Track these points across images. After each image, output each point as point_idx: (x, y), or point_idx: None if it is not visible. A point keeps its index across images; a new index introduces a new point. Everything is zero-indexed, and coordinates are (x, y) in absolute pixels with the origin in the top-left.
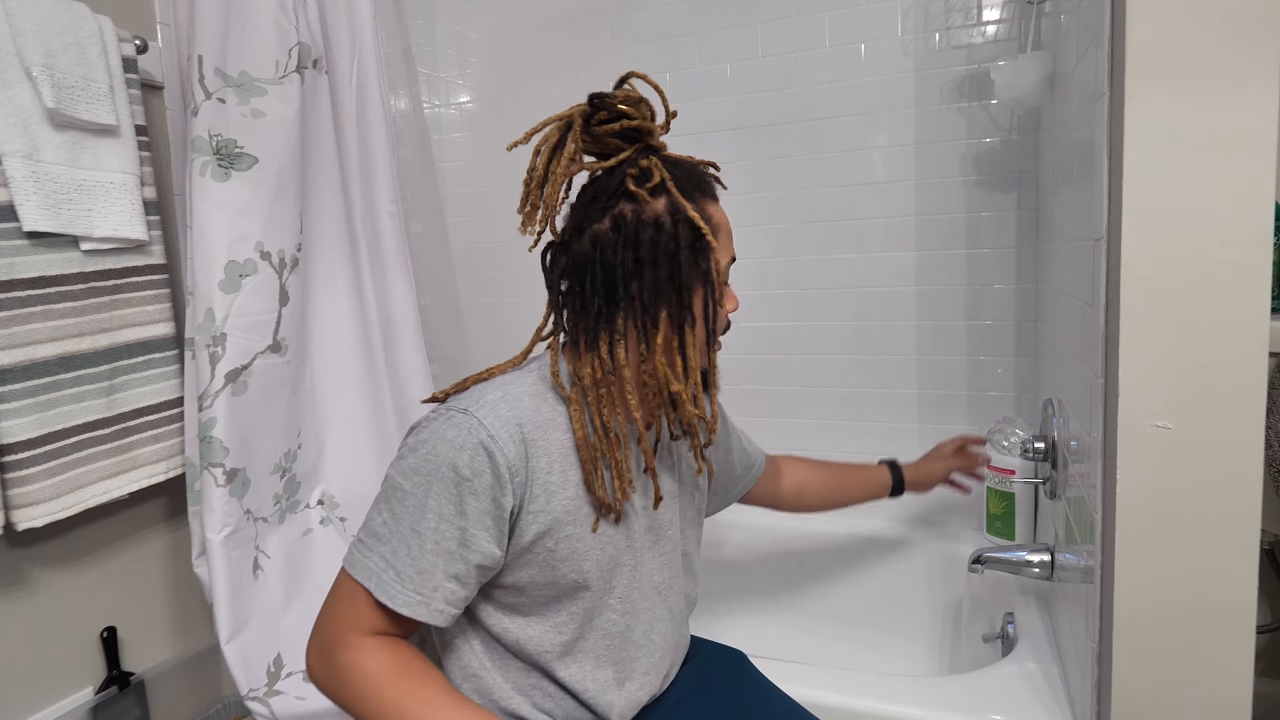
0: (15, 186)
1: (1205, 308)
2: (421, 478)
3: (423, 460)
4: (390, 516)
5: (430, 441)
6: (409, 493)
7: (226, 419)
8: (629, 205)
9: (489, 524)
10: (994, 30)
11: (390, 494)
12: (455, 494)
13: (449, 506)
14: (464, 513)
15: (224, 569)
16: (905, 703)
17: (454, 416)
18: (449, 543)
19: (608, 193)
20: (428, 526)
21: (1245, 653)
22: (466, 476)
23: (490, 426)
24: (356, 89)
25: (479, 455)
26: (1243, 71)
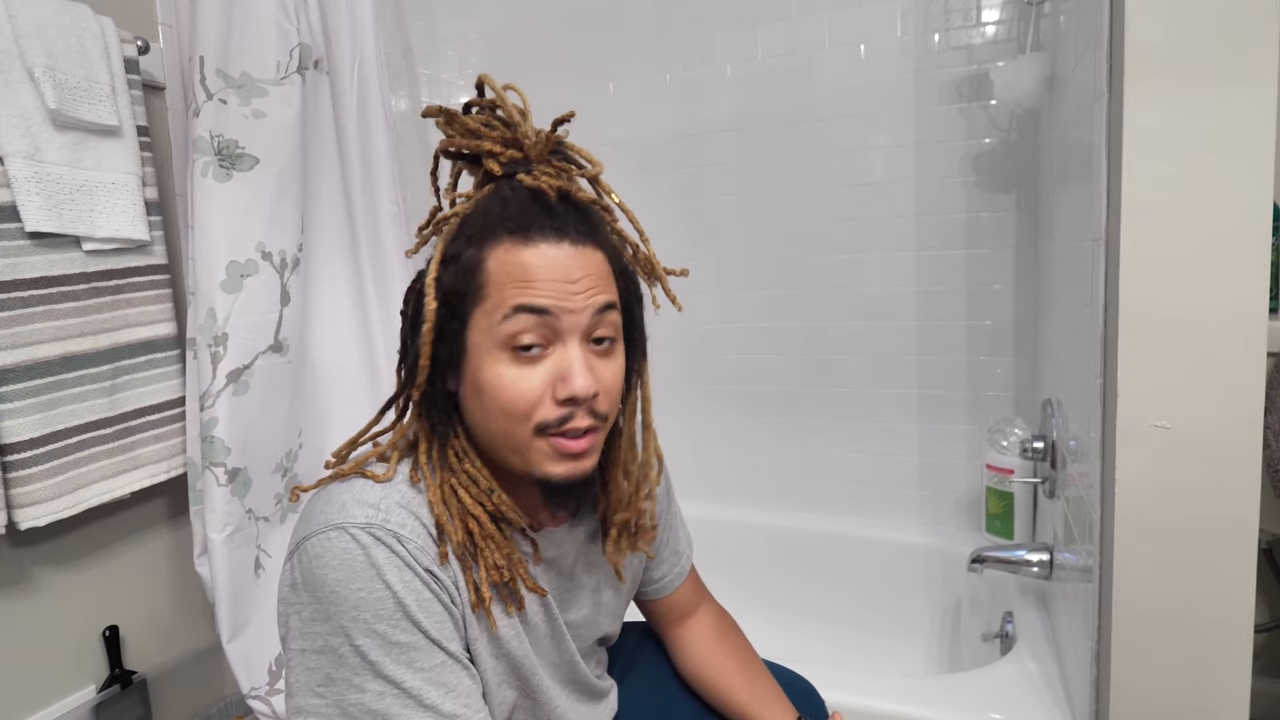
0: (17, 187)
1: (1204, 308)
2: (363, 625)
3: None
4: (381, 682)
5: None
6: (363, 648)
7: (228, 419)
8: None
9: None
10: (993, 31)
11: (343, 662)
12: (399, 618)
13: (407, 634)
14: (428, 630)
15: (226, 568)
16: (905, 702)
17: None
18: (446, 659)
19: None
20: (421, 660)
21: (1243, 651)
22: (401, 590)
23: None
24: (357, 90)
25: (391, 565)
26: (1241, 72)
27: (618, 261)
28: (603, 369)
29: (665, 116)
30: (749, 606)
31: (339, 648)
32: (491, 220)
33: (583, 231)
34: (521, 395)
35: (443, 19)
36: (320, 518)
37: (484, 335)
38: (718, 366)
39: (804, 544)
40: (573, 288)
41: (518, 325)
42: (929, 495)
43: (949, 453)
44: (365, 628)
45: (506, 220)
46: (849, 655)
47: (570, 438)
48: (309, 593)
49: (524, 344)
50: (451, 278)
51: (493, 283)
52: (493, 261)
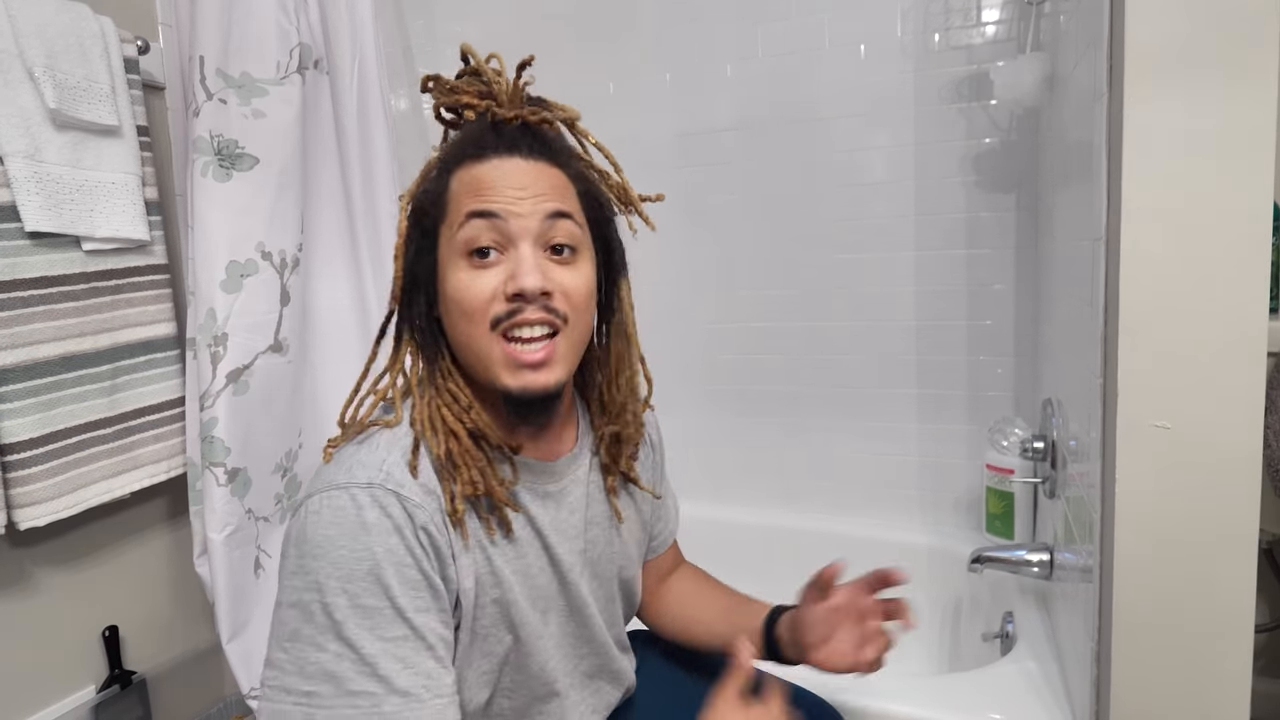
0: (17, 187)
1: (1204, 307)
2: (337, 582)
3: (328, 563)
4: (340, 644)
5: (322, 539)
6: (331, 605)
7: (228, 418)
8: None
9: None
10: (993, 31)
11: (311, 619)
12: (374, 583)
13: (376, 599)
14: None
15: (225, 568)
16: (905, 702)
17: (333, 499)
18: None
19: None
20: (383, 629)
21: (1244, 652)
22: (382, 556)
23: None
24: (357, 89)
25: (379, 527)
26: (1242, 72)
27: (581, 183)
28: (560, 274)
29: (665, 116)
30: None
31: (310, 604)
32: (455, 149)
33: (536, 149)
34: (476, 294)
35: (443, 19)
36: (327, 477)
37: (447, 248)
38: (717, 366)
39: (804, 544)
40: (521, 193)
41: (471, 230)
42: (929, 495)
43: (949, 453)
44: (338, 586)
45: (467, 145)
46: None
47: (524, 345)
48: (297, 547)
49: (478, 248)
50: (421, 202)
51: (453, 200)
52: (455, 182)
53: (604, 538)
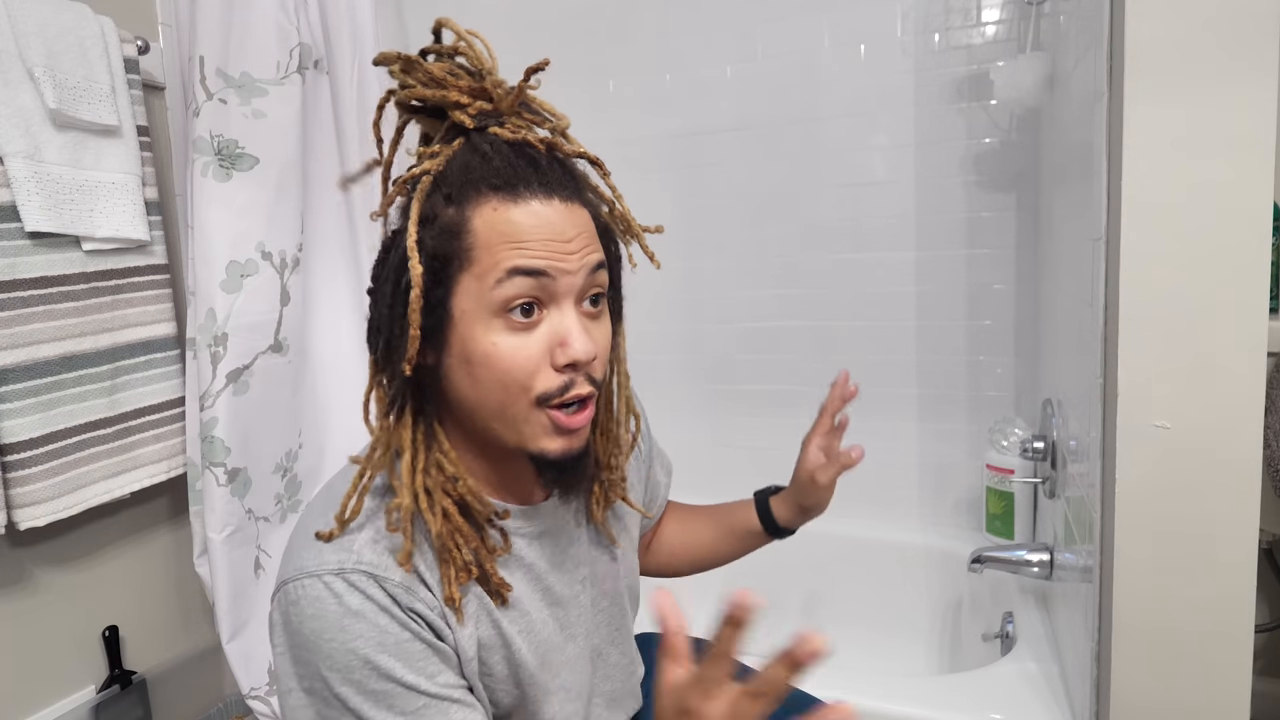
0: (17, 187)
1: (1204, 307)
2: (339, 676)
3: (324, 658)
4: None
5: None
6: (342, 696)
7: (228, 419)
8: (401, 220)
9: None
10: (993, 31)
11: (327, 704)
12: (373, 669)
13: (381, 684)
14: (401, 676)
15: (226, 568)
16: (905, 702)
17: (308, 588)
18: (430, 701)
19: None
20: (400, 705)
21: (1244, 651)
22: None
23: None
24: (357, 89)
25: (364, 616)
26: (1242, 72)
27: (599, 220)
28: (596, 332)
29: (665, 116)
30: None
31: (321, 691)
32: (473, 177)
33: (570, 188)
34: (520, 365)
35: None
36: (296, 561)
37: (474, 302)
38: (718, 366)
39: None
40: (567, 247)
41: (513, 289)
42: (929, 495)
43: (949, 453)
44: (341, 678)
45: (491, 176)
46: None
47: (569, 412)
48: (289, 637)
49: (522, 308)
50: (433, 240)
51: (481, 245)
52: (479, 222)
53: (605, 555)
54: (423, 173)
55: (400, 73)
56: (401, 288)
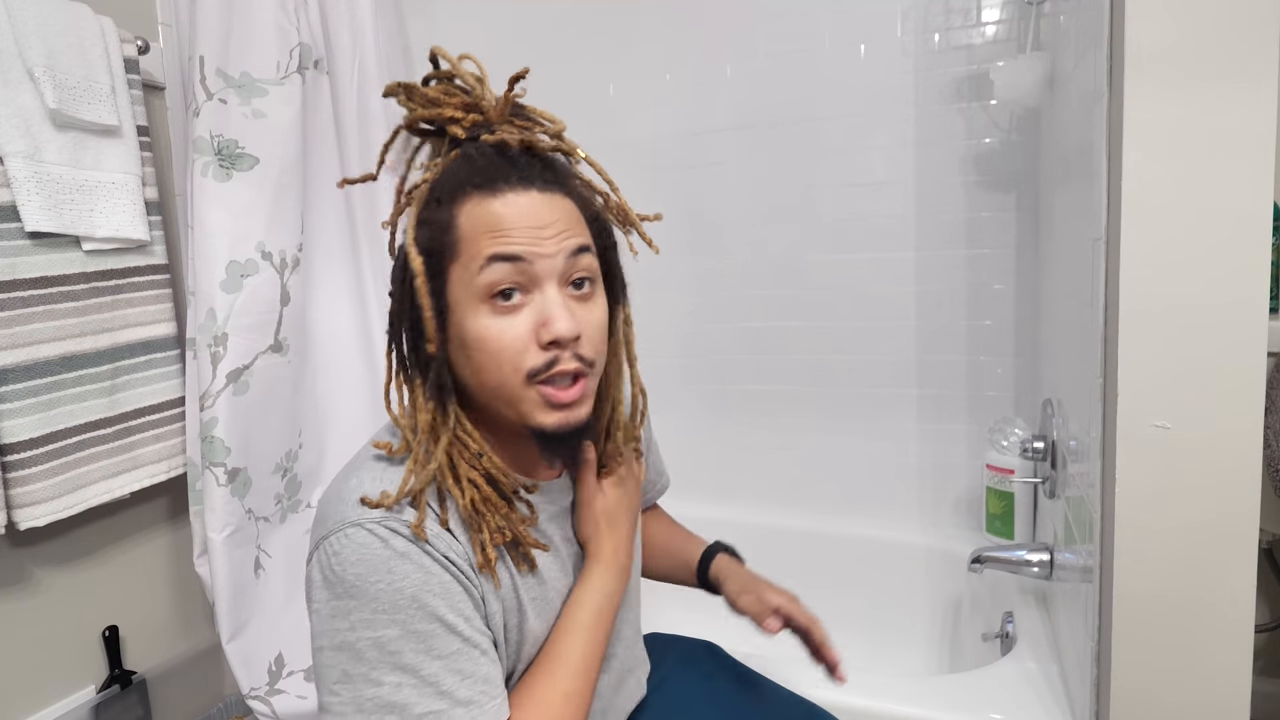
0: (17, 187)
1: (1204, 307)
2: (385, 617)
3: (368, 601)
4: (399, 674)
5: (355, 579)
6: (383, 640)
7: (228, 419)
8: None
9: (470, 607)
10: (993, 31)
11: (361, 658)
12: (420, 607)
13: (426, 624)
14: (444, 616)
15: (226, 568)
16: (905, 702)
17: (352, 536)
18: (464, 645)
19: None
20: (439, 648)
21: (1244, 651)
22: (420, 584)
23: (399, 511)
24: (357, 89)
25: (409, 558)
26: (1242, 71)
27: (588, 209)
28: (584, 313)
29: (665, 116)
30: None
31: (356, 643)
32: (459, 179)
33: (549, 179)
34: (507, 344)
35: (443, 19)
36: (336, 515)
37: (463, 290)
38: (718, 366)
39: (804, 544)
40: (544, 232)
41: (494, 275)
42: (929, 495)
43: (949, 453)
44: (386, 619)
45: (473, 176)
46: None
47: (559, 386)
48: (329, 590)
49: (502, 293)
50: (426, 239)
51: (465, 237)
52: (463, 217)
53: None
54: (422, 183)
55: (405, 100)
56: (407, 282)
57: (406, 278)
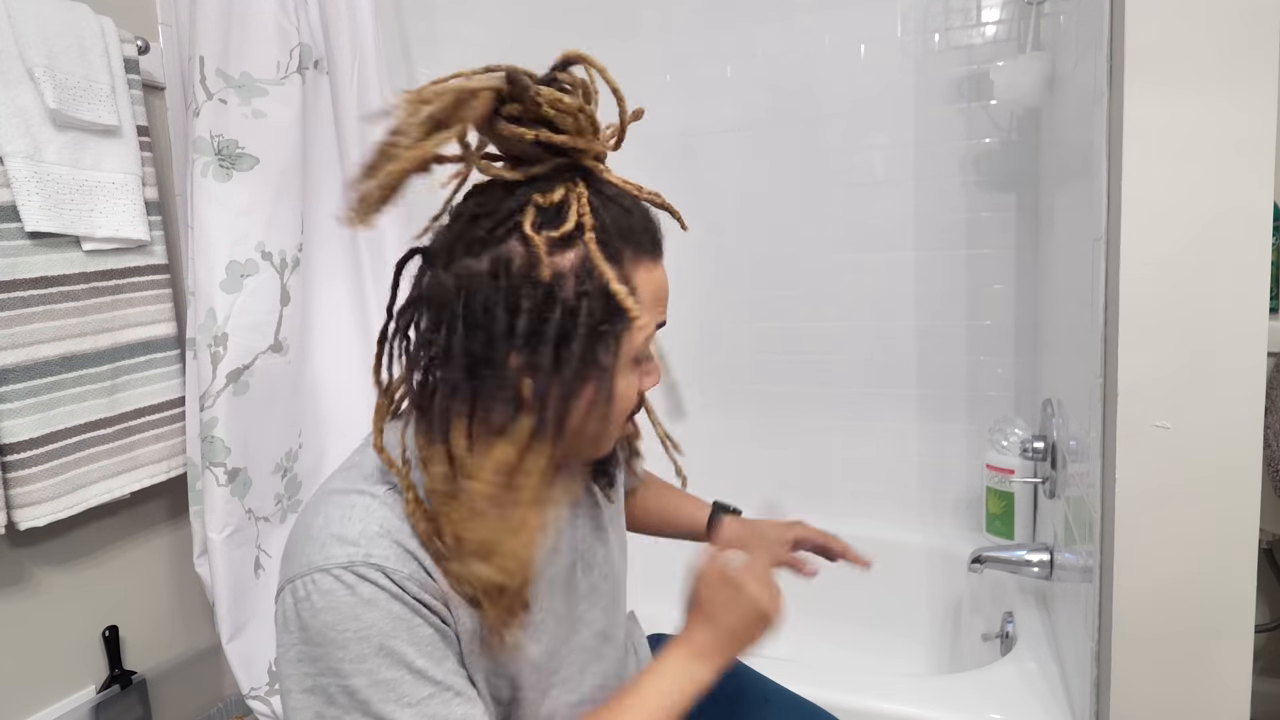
0: (17, 187)
1: (1204, 308)
2: (352, 664)
3: (336, 649)
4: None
5: (324, 626)
6: (353, 688)
7: (228, 419)
8: (520, 248)
9: (442, 649)
10: (993, 31)
11: (332, 702)
12: (388, 655)
13: (395, 671)
14: (413, 662)
15: (226, 568)
16: (905, 702)
17: (320, 582)
18: (436, 689)
19: (497, 218)
20: (409, 694)
21: (1244, 651)
22: (389, 631)
23: (367, 556)
24: (357, 89)
25: (377, 604)
26: (1242, 72)
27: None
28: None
29: (666, 116)
30: None
31: (328, 687)
32: (627, 236)
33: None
34: (631, 398)
35: (443, 19)
36: (303, 558)
37: (627, 350)
38: (717, 367)
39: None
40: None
41: (648, 339)
42: (929, 495)
43: (949, 453)
44: (353, 667)
45: (639, 237)
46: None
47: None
48: (297, 634)
49: (642, 355)
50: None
51: (644, 303)
52: (638, 278)
53: (603, 540)
54: (580, 224)
55: (556, 110)
56: (590, 328)
57: (595, 315)
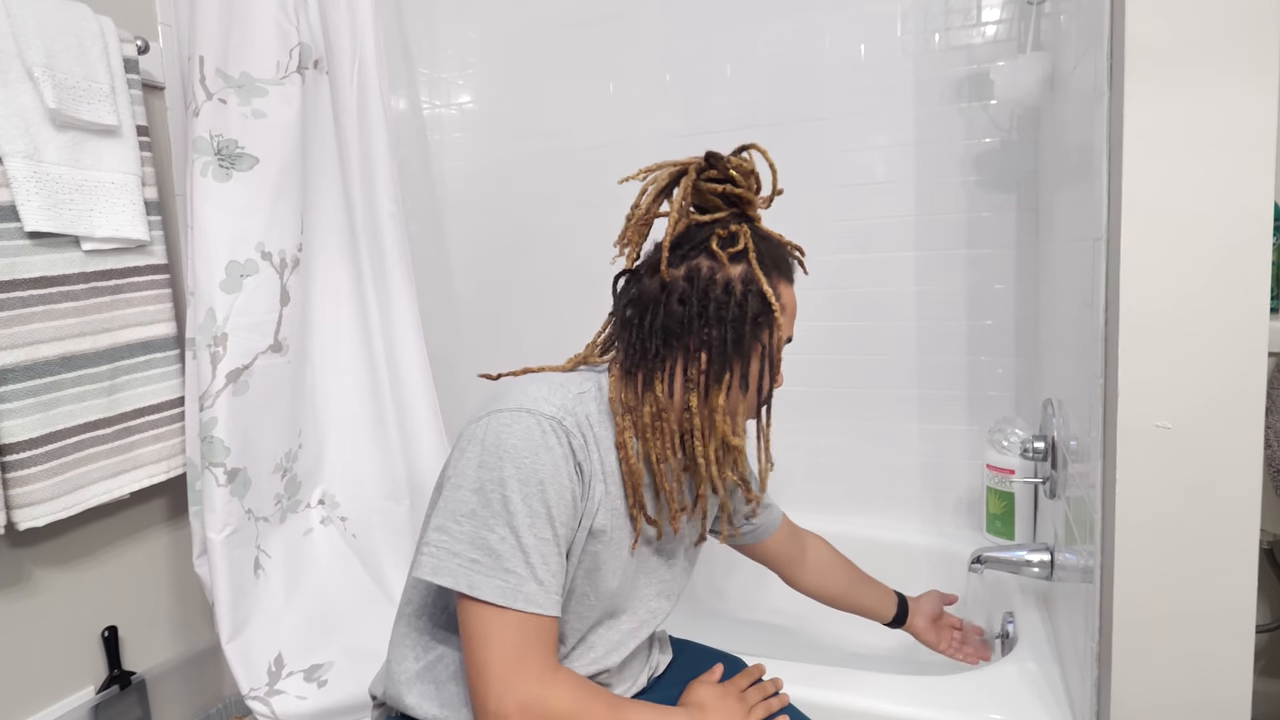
0: (17, 187)
1: (1205, 307)
2: (517, 483)
3: (512, 466)
4: (507, 530)
5: (511, 447)
6: (509, 499)
7: (228, 419)
8: (707, 262)
9: (569, 514)
10: (994, 31)
11: (488, 504)
12: (542, 491)
13: (540, 505)
14: (551, 508)
15: (225, 568)
16: (905, 702)
17: (522, 418)
18: (553, 539)
19: (692, 244)
20: (538, 530)
21: (1245, 652)
22: (550, 474)
23: (562, 420)
24: (357, 89)
25: (554, 452)
26: (1242, 71)
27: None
28: None
29: (665, 116)
30: (749, 606)
31: (490, 492)
32: (777, 261)
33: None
34: (768, 389)
35: (443, 19)
36: (513, 402)
37: (769, 343)
38: None
39: None
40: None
41: (784, 345)
42: (929, 495)
43: (949, 453)
44: (517, 486)
45: (783, 263)
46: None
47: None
48: (483, 445)
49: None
50: (761, 289)
51: (783, 311)
52: (782, 294)
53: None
54: (746, 246)
55: (742, 175)
56: (755, 319)
57: (755, 310)
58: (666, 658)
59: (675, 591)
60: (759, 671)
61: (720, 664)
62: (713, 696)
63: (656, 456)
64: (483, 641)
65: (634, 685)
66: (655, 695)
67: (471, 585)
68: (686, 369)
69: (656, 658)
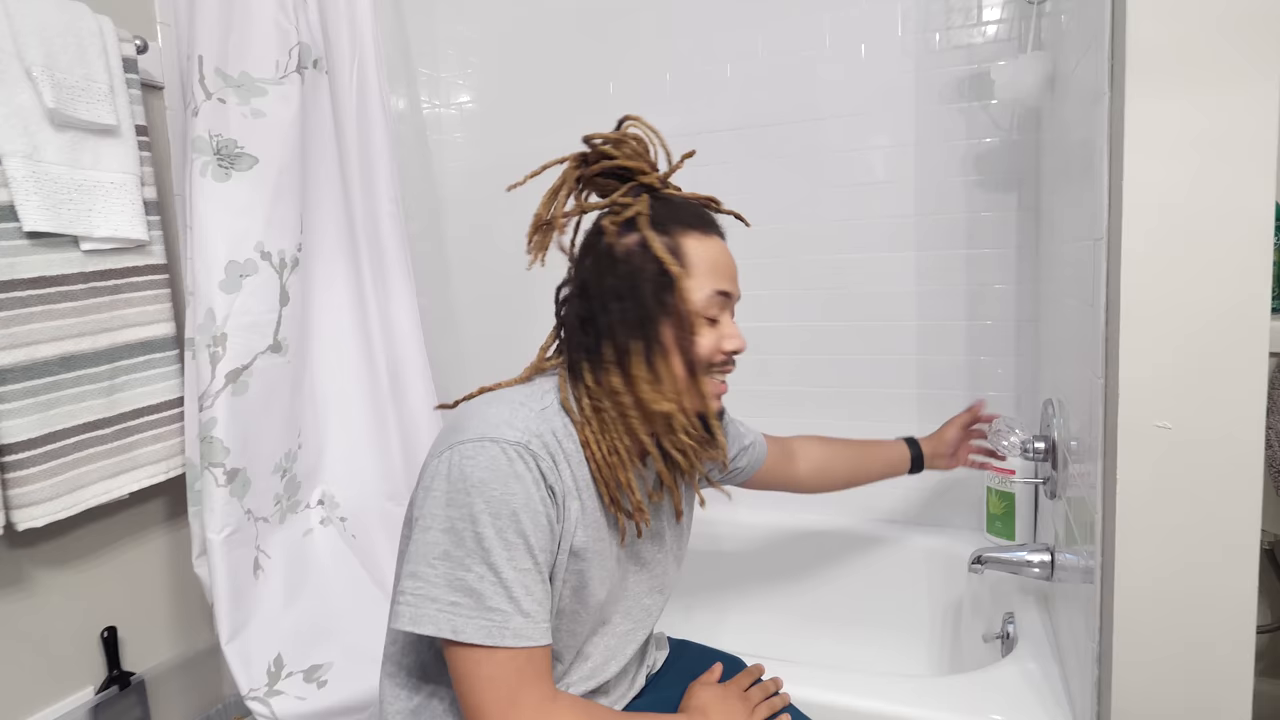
0: (15, 186)
1: (1205, 308)
2: (489, 517)
3: (482, 500)
4: (485, 568)
5: (478, 480)
6: (482, 535)
7: (227, 419)
8: (603, 240)
9: (547, 540)
10: (994, 30)
11: (461, 543)
12: (516, 522)
13: (515, 537)
14: (529, 537)
15: (224, 569)
16: (905, 703)
17: (486, 448)
18: (534, 568)
19: (592, 229)
20: (518, 561)
21: (1245, 652)
22: (522, 503)
23: (527, 444)
24: (357, 89)
25: (524, 479)
26: (1242, 71)
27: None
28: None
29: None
30: (750, 606)
31: (462, 530)
32: (669, 215)
33: (723, 234)
34: (709, 348)
35: (443, 19)
36: (474, 431)
37: (683, 304)
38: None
39: (804, 544)
40: (735, 276)
41: (715, 304)
42: (929, 495)
43: None
44: (489, 520)
45: (684, 216)
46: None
47: (722, 380)
48: (449, 483)
49: (712, 316)
50: (659, 248)
51: (692, 264)
52: (687, 248)
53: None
54: (636, 213)
55: (612, 149)
56: (649, 276)
57: (650, 274)
58: (663, 654)
59: (665, 585)
60: (759, 671)
61: (719, 664)
62: (715, 699)
63: (607, 448)
64: (474, 684)
65: (632, 688)
66: (654, 695)
67: (455, 630)
68: (604, 352)
69: (653, 654)
